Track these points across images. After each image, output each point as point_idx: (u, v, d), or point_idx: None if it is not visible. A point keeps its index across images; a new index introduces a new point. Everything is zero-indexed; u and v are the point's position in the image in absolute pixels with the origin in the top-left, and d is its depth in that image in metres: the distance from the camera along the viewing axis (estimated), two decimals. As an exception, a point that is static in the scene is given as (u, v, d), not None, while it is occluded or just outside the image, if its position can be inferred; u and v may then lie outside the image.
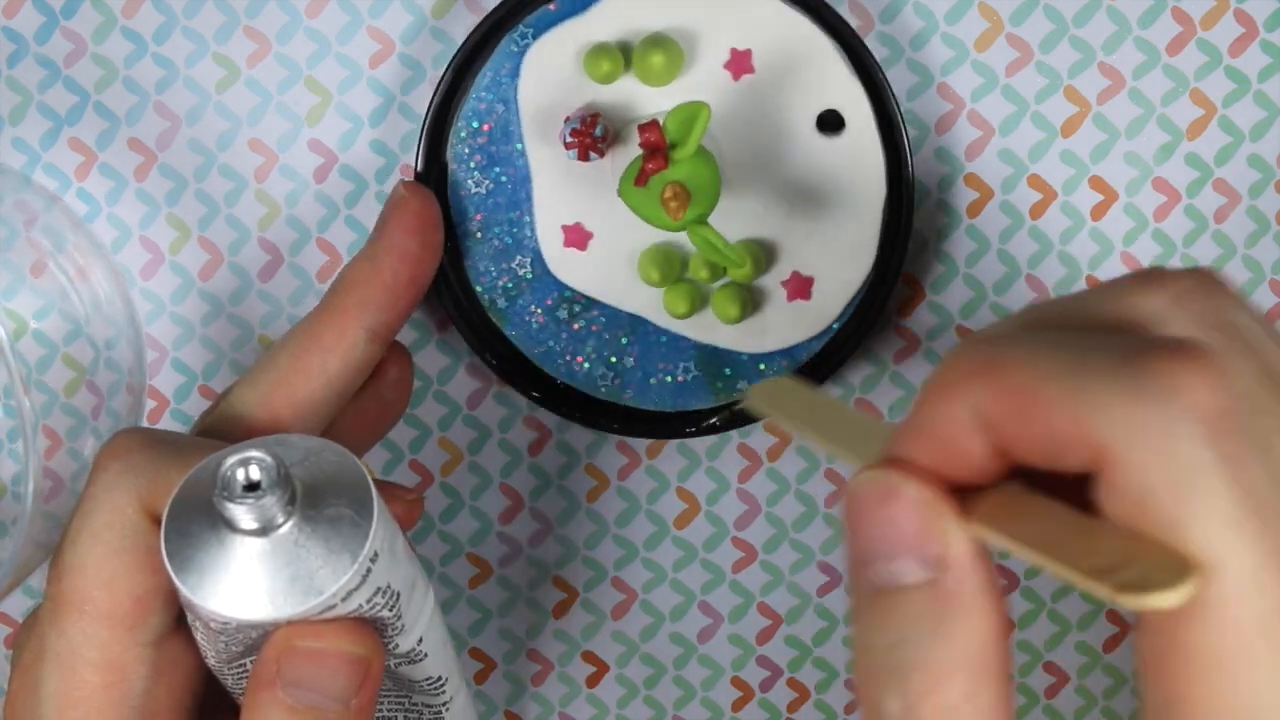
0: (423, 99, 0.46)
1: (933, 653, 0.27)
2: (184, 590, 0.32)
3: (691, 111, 0.41)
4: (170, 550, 0.32)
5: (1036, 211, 0.46)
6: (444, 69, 0.43)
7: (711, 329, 0.45)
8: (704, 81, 0.43)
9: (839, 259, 0.44)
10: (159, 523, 0.33)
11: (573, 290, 0.45)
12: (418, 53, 0.45)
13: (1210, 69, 0.45)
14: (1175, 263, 0.46)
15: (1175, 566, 0.25)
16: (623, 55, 0.43)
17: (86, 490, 0.35)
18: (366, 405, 0.42)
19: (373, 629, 0.34)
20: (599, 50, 0.43)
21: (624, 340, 0.45)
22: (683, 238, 0.44)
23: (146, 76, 0.46)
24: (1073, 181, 0.46)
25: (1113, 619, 0.48)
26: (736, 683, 0.49)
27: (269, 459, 0.32)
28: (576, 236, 0.44)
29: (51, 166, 0.46)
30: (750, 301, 0.44)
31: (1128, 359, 0.26)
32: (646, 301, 0.45)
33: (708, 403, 0.45)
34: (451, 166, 0.44)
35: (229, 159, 0.46)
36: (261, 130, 0.46)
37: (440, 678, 0.37)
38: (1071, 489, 0.27)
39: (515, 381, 0.45)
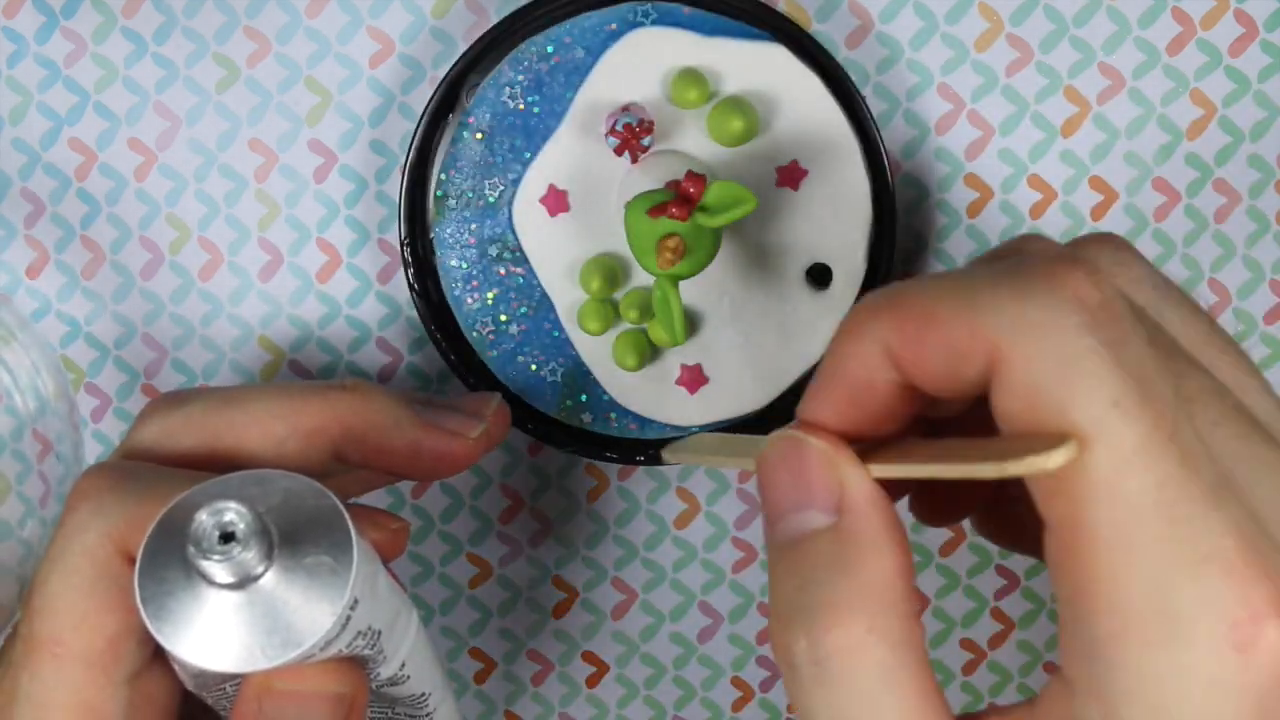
0: (423, 99, 0.46)
1: (836, 590, 0.28)
2: (159, 638, 0.31)
3: (738, 197, 0.40)
4: (145, 597, 0.31)
5: (1036, 211, 0.46)
6: None
7: (601, 362, 0.45)
8: (753, 167, 0.44)
9: (743, 383, 0.45)
10: (133, 561, 0.32)
11: (516, 238, 0.45)
12: (418, 53, 0.45)
13: (1210, 69, 0.45)
14: (1175, 263, 0.46)
15: (1057, 440, 0.26)
16: (709, 91, 0.43)
17: (58, 531, 0.35)
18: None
19: (355, 665, 0.33)
20: (693, 76, 0.43)
21: (523, 309, 0.45)
22: (628, 256, 0.44)
23: (146, 76, 0.46)
24: (1072, 181, 0.46)
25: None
26: (736, 683, 0.49)
27: (245, 510, 0.30)
28: (555, 200, 0.44)
29: (51, 166, 0.46)
30: (649, 358, 0.45)
31: (1014, 270, 0.28)
32: (563, 292, 0.45)
33: (549, 409, 0.45)
34: (490, 94, 0.44)
35: (229, 159, 0.46)
36: (261, 130, 0.46)
37: (424, 694, 0.37)
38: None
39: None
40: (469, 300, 0.45)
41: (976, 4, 0.45)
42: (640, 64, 0.43)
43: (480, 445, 0.40)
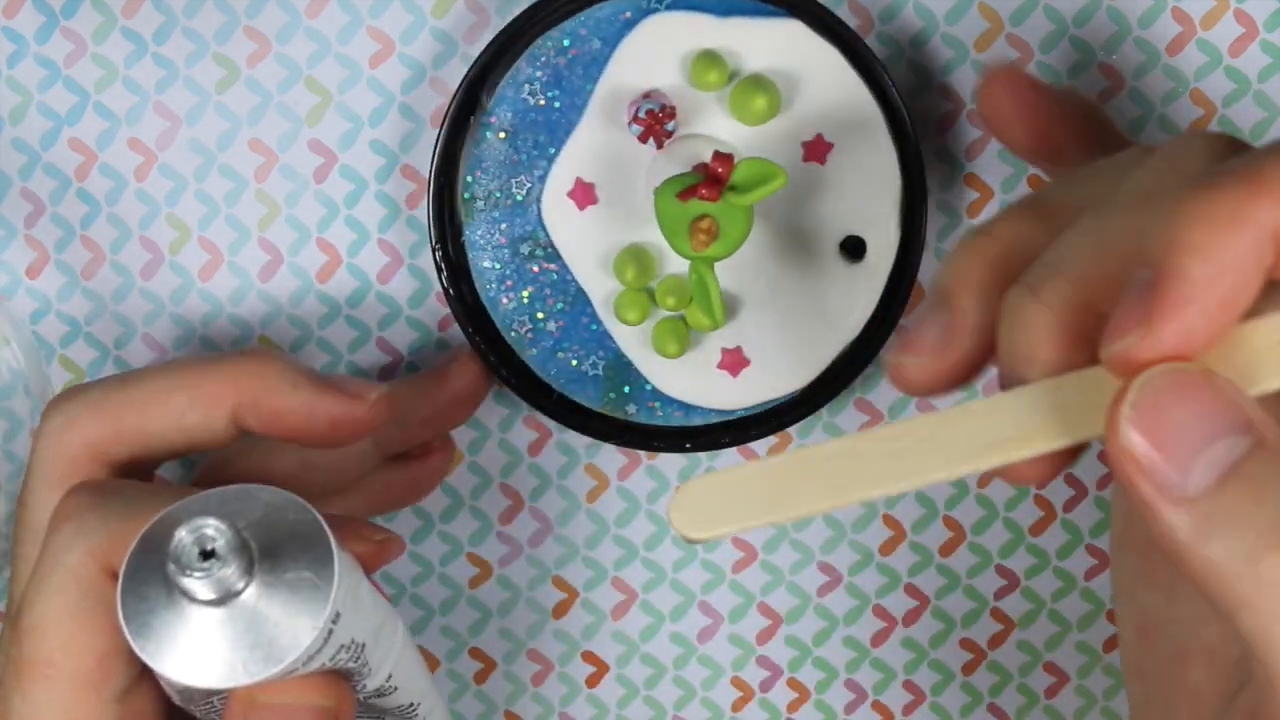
0: (424, 99, 0.46)
1: None
2: (143, 656, 0.32)
3: (768, 173, 0.40)
4: (128, 615, 0.32)
5: (1036, 211, 0.46)
6: None
7: (641, 351, 0.45)
8: (778, 145, 0.44)
9: (785, 363, 0.45)
10: (117, 579, 0.33)
11: (547, 235, 0.45)
12: (418, 53, 0.45)
13: (1210, 69, 0.45)
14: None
15: None
16: (729, 72, 0.43)
17: (42, 552, 0.35)
18: (397, 478, 0.42)
19: (339, 678, 0.33)
20: (711, 59, 0.43)
21: (559, 306, 0.45)
22: (661, 244, 0.44)
23: (146, 76, 0.46)
24: (1073, 181, 0.46)
25: (1112, 618, 0.48)
26: (736, 683, 0.49)
27: (224, 526, 0.31)
28: (583, 193, 0.44)
29: (51, 166, 0.46)
30: (689, 344, 0.45)
31: None
32: (598, 285, 0.44)
33: (593, 404, 0.45)
34: (510, 93, 0.44)
35: (229, 159, 0.46)
36: (261, 130, 0.46)
37: (412, 704, 0.37)
38: None
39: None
40: (504, 300, 0.45)
41: (976, 4, 0.45)
42: (658, 50, 0.43)
43: (379, 410, 0.39)
